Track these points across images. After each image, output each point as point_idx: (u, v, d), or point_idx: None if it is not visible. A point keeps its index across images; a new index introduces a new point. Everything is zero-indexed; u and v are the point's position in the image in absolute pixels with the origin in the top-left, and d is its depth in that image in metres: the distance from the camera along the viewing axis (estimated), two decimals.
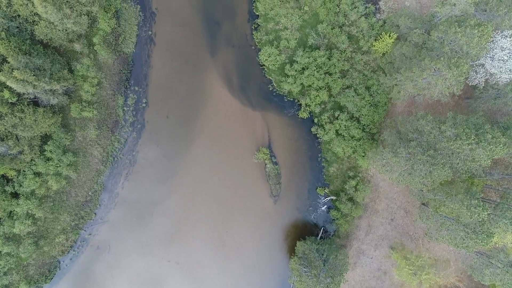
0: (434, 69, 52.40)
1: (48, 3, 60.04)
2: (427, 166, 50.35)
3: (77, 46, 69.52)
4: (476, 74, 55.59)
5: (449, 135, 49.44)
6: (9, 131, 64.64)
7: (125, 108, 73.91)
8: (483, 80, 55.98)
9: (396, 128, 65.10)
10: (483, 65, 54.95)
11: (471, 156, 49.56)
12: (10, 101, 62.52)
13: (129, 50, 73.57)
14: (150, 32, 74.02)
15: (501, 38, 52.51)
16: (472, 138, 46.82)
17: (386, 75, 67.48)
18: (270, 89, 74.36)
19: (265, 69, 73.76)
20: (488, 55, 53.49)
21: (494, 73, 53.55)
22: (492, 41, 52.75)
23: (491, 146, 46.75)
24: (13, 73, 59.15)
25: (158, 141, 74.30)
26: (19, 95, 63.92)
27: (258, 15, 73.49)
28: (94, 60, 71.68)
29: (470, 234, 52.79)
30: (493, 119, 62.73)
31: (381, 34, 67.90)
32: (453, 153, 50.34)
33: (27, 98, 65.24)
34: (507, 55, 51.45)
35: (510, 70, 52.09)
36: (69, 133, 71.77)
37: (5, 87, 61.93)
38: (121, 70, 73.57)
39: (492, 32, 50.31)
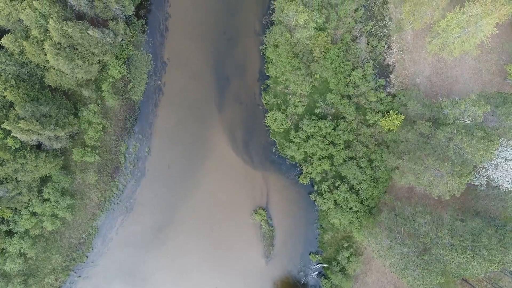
0: (437, 170, 52.37)
1: (61, 56, 60.20)
2: (420, 270, 50.32)
3: (86, 92, 69.63)
4: (479, 175, 55.60)
5: (446, 243, 49.39)
6: (9, 175, 64.78)
7: (127, 155, 74.02)
8: (485, 182, 55.93)
9: (395, 210, 65.07)
10: (486, 169, 54.93)
11: (465, 265, 49.53)
12: (13, 147, 62.60)
13: (137, 97, 73.67)
14: (159, 82, 74.10)
15: (507, 148, 52.46)
16: (468, 253, 46.78)
17: (389, 153, 67.40)
18: (273, 150, 74.38)
19: (270, 130, 73.74)
20: (493, 162, 53.50)
21: (496, 180, 53.54)
22: (498, 149, 52.72)
23: (486, 263, 46.73)
24: (19, 123, 59.24)
25: (157, 190, 74.36)
26: (22, 141, 63.97)
27: (268, 76, 73.50)
28: (101, 106, 71.81)
29: None
30: (491, 212, 62.61)
31: (389, 112, 67.78)
32: (447, 259, 50.30)
33: (30, 143, 65.30)
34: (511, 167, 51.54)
35: None
36: (69, 176, 71.90)
37: (9, 135, 61.98)
38: (127, 117, 73.68)
39: (498, 141, 50.25)
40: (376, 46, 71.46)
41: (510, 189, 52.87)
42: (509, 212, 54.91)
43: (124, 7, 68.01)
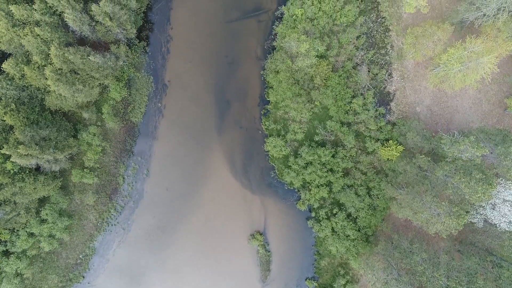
0: (435, 208, 52.40)
1: (61, 82, 60.22)
2: None
3: (86, 114, 69.69)
4: (476, 213, 55.62)
5: (442, 284, 49.41)
6: (7, 198, 64.80)
7: (125, 177, 74.06)
8: (482, 219, 55.95)
9: (392, 241, 65.09)
10: (483, 207, 54.97)
11: None
12: (12, 171, 62.63)
13: (137, 119, 73.69)
14: (159, 104, 74.14)
15: (505, 189, 52.52)
16: None
17: (388, 183, 67.39)
18: (272, 175, 74.38)
19: (269, 155, 73.76)
20: (490, 202, 53.53)
21: (493, 219, 53.55)
22: (496, 189, 52.75)
23: None
24: (18, 148, 59.28)
25: (155, 212, 74.41)
26: (21, 165, 64.01)
27: (268, 101, 73.54)
28: (101, 127, 71.84)
29: None
30: (488, 247, 62.62)
31: (389, 142, 67.80)
32: None
33: (29, 166, 65.30)
34: (509, 209, 51.42)
35: (510, 221, 52.10)
36: (67, 196, 71.95)
37: (8, 159, 62.02)
38: (126, 139, 73.70)
39: (496, 185, 50.29)
40: (377, 74, 71.45)
41: (507, 229, 52.88)
42: (505, 250, 54.94)
43: (126, 30, 68.02)
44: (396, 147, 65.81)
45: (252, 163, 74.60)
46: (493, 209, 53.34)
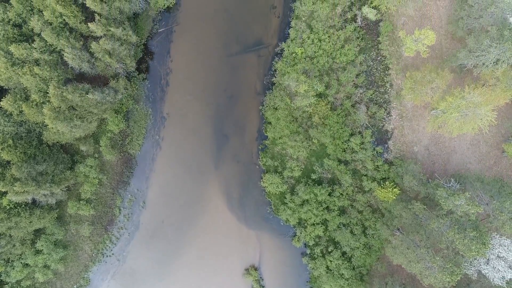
0: (429, 261, 52.39)
1: (59, 120, 60.24)
2: None
3: (83, 147, 69.73)
4: (470, 265, 55.57)
5: None
6: (3, 232, 64.85)
7: (122, 208, 74.13)
8: (476, 272, 55.91)
9: (386, 284, 65.10)
10: (478, 260, 54.93)
11: None
12: (7, 207, 62.67)
13: (135, 151, 73.76)
14: (157, 136, 74.17)
15: (499, 245, 52.53)
16: None
17: (383, 224, 67.37)
18: (268, 210, 74.42)
19: (266, 191, 73.77)
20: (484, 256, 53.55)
21: (487, 274, 53.54)
22: (491, 243, 52.69)
23: None
24: (15, 185, 59.31)
25: (150, 244, 74.47)
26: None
27: (267, 136, 73.52)
28: (98, 159, 71.88)
29: None
30: None
31: (386, 182, 67.79)
32: None
33: (25, 201, 65.34)
34: (502, 265, 51.40)
35: (503, 277, 52.14)
36: (63, 227, 72.04)
37: (4, 195, 62.05)
38: (124, 170, 73.78)
39: (489, 244, 50.31)
40: (375, 113, 71.42)
41: (500, 284, 52.89)
42: None
43: (125, 64, 68.11)
44: (392, 189, 65.78)
45: (248, 198, 74.62)
46: (487, 264, 53.34)
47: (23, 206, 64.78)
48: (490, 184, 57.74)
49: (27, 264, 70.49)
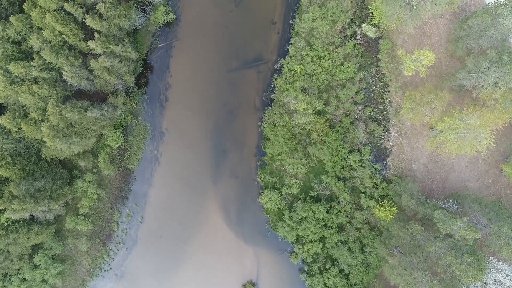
0: (426, 284, 52.37)
1: (58, 138, 60.24)
2: None
3: (82, 163, 69.74)
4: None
5: None
6: (1, 249, 64.85)
7: (120, 223, 74.13)
8: None
9: None
10: (475, 284, 54.91)
11: None
12: (5, 224, 62.69)
13: (133, 166, 73.75)
14: (156, 152, 74.15)
15: (496, 270, 52.52)
16: None
17: (381, 242, 67.34)
18: (266, 226, 74.39)
19: (264, 207, 73.75)
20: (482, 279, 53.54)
21: None
22: (488, 267, 52.70)
23: None
24: (13, 203, 59.34)
25: (148, 259, 74.47)
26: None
27: (265, 152, 73.51)
28: (96, 174, 71.86)
29: None
30: None
31: (384, 200, 67.77)
32: None
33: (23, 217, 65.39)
34: None
35: None
36: (61, 241, 72.00)
37: (1, 212, 62.05)
38: (122, 185, 73.79)
39: (487, 260, 50.29)
40: (374, 130, 71.40)
41: None
42: None
43: (124, 80, 68.11)
44: (390, 208, 65.78)
45: (246, 213, 74.61)
46: (484, 287, 53.34)
47: (21, 222, 64.86)
48: (488, 206, 57.73)
49: (24, 279, 70.54)
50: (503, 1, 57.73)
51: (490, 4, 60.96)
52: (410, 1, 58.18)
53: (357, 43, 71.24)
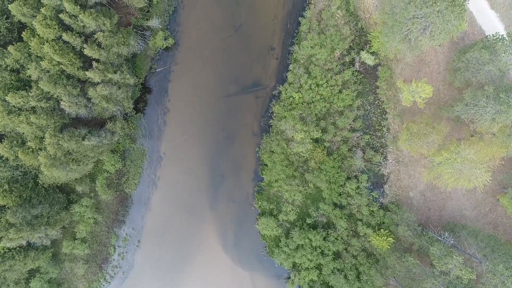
0: None
1: (55, 167, 60.26)
2: None
3: (79, 188, 69.77)
4: None
5: None
6: None
7: (117, 247, 74.19)
8: None
9: None
10: None
11: None
12: (1, 251, 62.71)
13: (131, 190, 73.80)
14: (153, 176, 74.19)
15: None
16: None
17: (377, 272, 67.40)
18: (263, 252, 74.44)
19: (261, 233, 73.78)
20: None
21: None
22: None
23: None
24: (9, 232, 59.36)
25: (144, 283, 74.56)
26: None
27: (263, 178, 73.52)
28: (94, 198, 71.91)
29: None
30: None
31: (381, 229, 67.83)
32: None
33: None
34: None
35: None
36: (57, 265, 72.04)
37: None
38: (119, 209, 73.85)
39: None
40: (372, 158, 71.40)
41: None
42: None
43: (123, 106, 68.13)
44: (387, 238, 65.82)
45: (243, 238, 74.66)
46: None
47: (17, 249, 64.81)
48: (484, 241, 57.76)
49: None
50: (501, 36, 57.70)
51: (489, 36, 60.89)
52: (408, 35, 58.15)
53: (356, 70, 71.25)
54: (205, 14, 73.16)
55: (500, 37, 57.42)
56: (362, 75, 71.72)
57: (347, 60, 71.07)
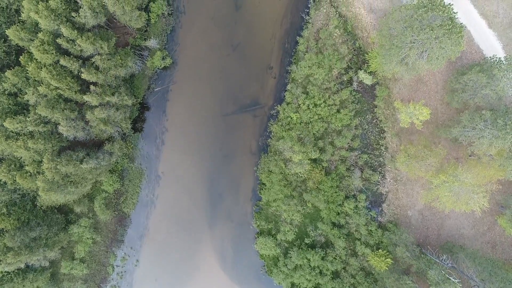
0: None
1: (53, 191, 60.27)
2: None
3: (77, 208, 69.79)
4: None
5: None
6: None
7: (115, 266, 74.21)
8: None
9: None
10: None
11: None
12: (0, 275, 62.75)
13: (129, 210, 73.84)
14: (152, 195, 74.22)
15: None
16: None
17: None
18: (261, 271, 74.45)
19: (260, 253, 73.78)
20: None
21: None
22: None
23: None
24: (8, 256, 59.37)
25: None
26: None
27: (261, 197, 73.53)
28: (92, 218, 71.93)
29: None
30: None
31: (379, 249, 67.87)
32: None
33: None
34: None
35: None
36: (56, 285, 72.02)
37: None
38: (118, 229, 73.85)
39: None
40: (370, 177, 71.41)
41: None
42: None
43: (121, 127, 68.16)
44: (385, 259, 65.82)
45: (241, 257, 74.67)
46: None
47: (15, 271, 64.77)
48: (482, 264, 57.76)
49: None
50: (499, 59, 57.67)
51: (487, 58, 60.92)
52: (406, 58, 58.17)
53: (354, 89, 71.25)
54: (203, 34, 73.18)
55: (497, 61, 57.40)
56: (360, 94, 71.75)
57: (345, 79, 71.09)
